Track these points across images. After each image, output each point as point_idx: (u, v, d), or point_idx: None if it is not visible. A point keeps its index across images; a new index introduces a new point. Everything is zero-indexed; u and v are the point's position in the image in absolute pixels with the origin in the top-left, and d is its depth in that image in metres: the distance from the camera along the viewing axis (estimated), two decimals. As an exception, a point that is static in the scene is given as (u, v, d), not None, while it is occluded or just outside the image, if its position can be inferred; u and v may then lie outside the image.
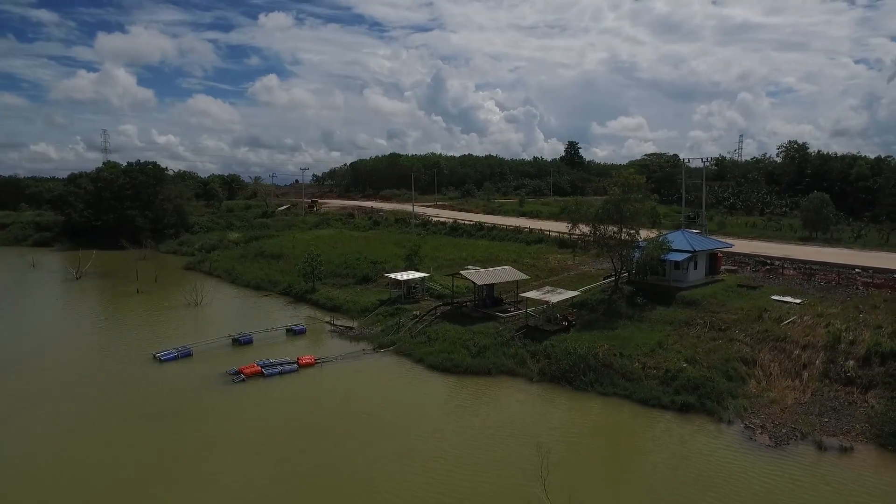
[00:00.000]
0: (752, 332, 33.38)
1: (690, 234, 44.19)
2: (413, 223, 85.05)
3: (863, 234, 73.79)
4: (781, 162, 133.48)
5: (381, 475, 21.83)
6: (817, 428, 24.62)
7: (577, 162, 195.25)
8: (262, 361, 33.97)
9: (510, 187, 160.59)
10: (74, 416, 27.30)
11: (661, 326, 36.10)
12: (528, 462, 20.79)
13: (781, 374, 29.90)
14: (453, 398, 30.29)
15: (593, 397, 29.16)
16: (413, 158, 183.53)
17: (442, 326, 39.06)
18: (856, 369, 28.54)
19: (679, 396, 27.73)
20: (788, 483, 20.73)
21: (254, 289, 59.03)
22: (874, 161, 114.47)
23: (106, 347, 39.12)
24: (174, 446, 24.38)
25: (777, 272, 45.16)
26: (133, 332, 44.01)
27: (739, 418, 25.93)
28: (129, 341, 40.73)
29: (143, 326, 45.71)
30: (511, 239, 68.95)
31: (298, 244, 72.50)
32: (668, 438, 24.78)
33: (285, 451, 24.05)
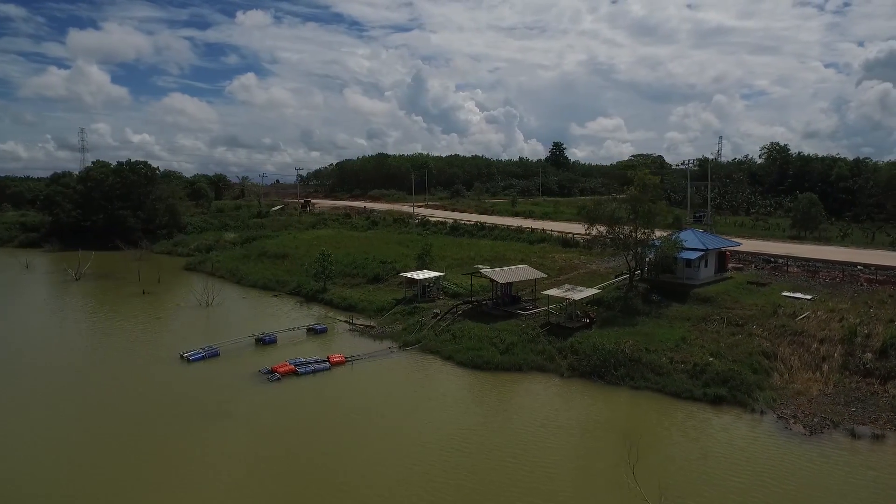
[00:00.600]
0: (770, 328, 34.74)
1: (701, 233, 45.61)
2: (413, 223, 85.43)
3: (849, 234, 76.58)
4: (763, 163, 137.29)
5: (444, 466, 22.41)
6: (846, 417, 25.91)
7: (562, 162, 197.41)
8: (294, 360, 34.19)
9: (499, 188, 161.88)
10: (123, 420, 26.96)
11: (679, 323, 37.27)
12: (579, 452, 21.57)
13: (802, 366, 31.24)
14: (491, 393, 30.93)
15: (626, 391, 30.13)
16: (401, 159, 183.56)
17: (465, 324, 39.70)
18: (873, 361, 30.01)
19: (710, 389, 28.83)
20: (834, 468, 21.96)
21: (261, 289, 58.88)
22: (853, 163, 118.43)
23: (130, 349, 38.72)
24: (234, 444, 24.55)
25: (781, 270, 46.84)
26: (152, 332, 43.68)
27: (771, 409, 27.11)
28: (151, 342, 40.47)
29: (159, 327, 45.48)
30: (513, 238, 69.82)
31: (301, 245, 72.41)
32: (710, 428, 25.84)
33: (344, 445, 24.41)
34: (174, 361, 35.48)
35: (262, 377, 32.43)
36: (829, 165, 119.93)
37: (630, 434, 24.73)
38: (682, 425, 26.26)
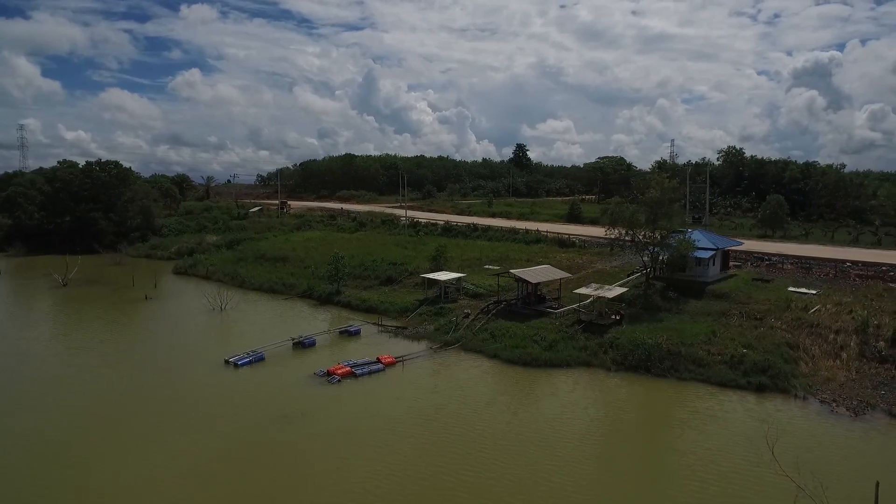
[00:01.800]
0: (787, 320, 37.84)
1: (709, 233, 48.74)
2: (403, 224, 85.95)
3: (811, 232, 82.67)
4: (720, 165, 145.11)
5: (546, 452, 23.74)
6: (879, 400, 28.91)
7: (525, 164, 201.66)
8: (347, 362, 34.61)
9: (468, 189, 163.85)
10: (202, 430, 26.58)
11: (701, 318, 39.92)
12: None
13: (823, 355, 34.29)
14: (555, 388, 32.39)
15: (673, 383, 32.28)
16: (370, 159, 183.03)
17: (499, 323, 41.06)
18: (887, 349, 33.38)
19: (752, 378, 31.38)
20: (889, 442, 24.67)
21: (266, 292, 58.24)
22: (803, 166, 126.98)
23: (170, 356, 37.85)
24: (326, 446, 24.95)
25: (777, 267, 50.63)
26: (179, 339, 42.82)
27: (811, 395, 29.84)
28: (186, 349, 39.79)
29: (182, 333, 44.52)
30: (508, 239, 71.70)
31: (297, 247, 71.89)
32: (765, 412, 28.21)
33: (440, 443, 25.27)
34: (219, 366, 35.16)
35: (319, 379, 32.72)
36: (781, 168, 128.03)
37: (698, 416, 26.87)
38: (739, 409, 28.57)
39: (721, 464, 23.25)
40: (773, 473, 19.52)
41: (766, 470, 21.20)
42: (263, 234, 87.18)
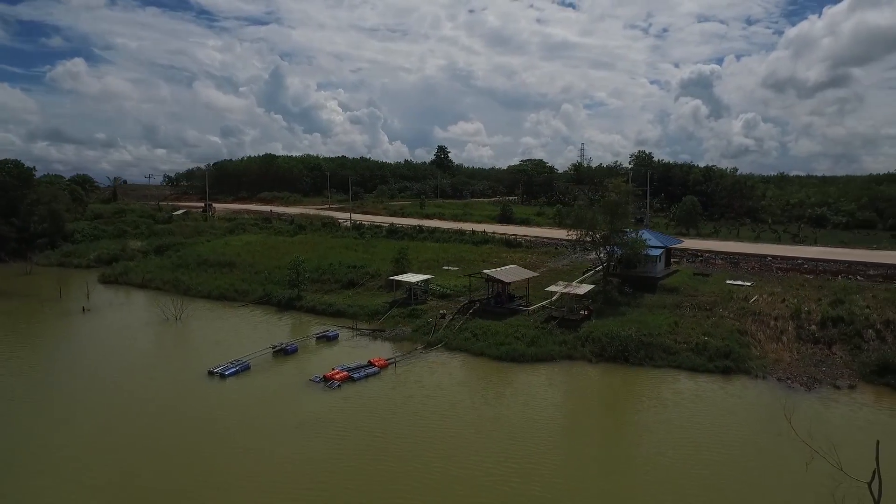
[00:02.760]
0: (733, 310, 42.39)
1: (656, 233, 53.12)
2: (345, 226, 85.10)
3: (719, 231, 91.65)
4: (631, 168, 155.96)
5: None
6: (822, 375, 33.50)
7: (447, 165, 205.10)
8: (341, 366, 34.56)
9: (395, 190, 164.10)
10: (223, 447, 25.67)
11: (658, 310, 43.69)
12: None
13: (767, 340, 38.90)
14: (550, 379, 34.46)
15: (650, 370, 35.34)
16: (292, 160, 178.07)
17: (477, 323, 42.55)
18: (818, 332, 38.55)
19: (717, 362, 35.11)
20: (840, 409, 28.93)
21: (217, 299, 55.87)
22: (705, 169, 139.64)
23: (147, 373, 35.48)
24: (353, 452, 25.10)
25: (709, 263, 56.14)
26: (147, 353, 40.25)
27: (768, 374, 33.94)
28: (159, 363, 37.59)
29: (146, 347, 41.76)
30: (455, 240, 73.36)
31: (241, 251, 69.44)
32: (738, 391, 31.84)
33: (470, 433, 26.25)
34: (204, 378, 33.80)
35: (317, 385, 32.48)
36: (686, 171, 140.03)
37: (687, 396, 29.94)
38: (719, 390, 31.98)
39: (723, 436, 26.23)
40: (763, 442, 22.49)
41: (765, 438, 24.29)
42: (194, 238, 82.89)
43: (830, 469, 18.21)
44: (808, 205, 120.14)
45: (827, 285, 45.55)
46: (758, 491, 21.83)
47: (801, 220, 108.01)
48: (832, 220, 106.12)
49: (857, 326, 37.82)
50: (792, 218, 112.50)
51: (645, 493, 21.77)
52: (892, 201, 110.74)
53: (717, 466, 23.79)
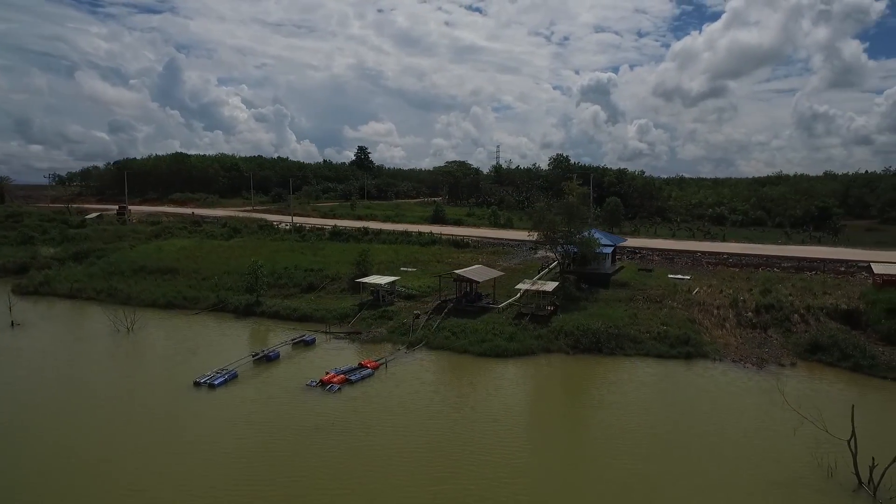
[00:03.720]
0: (680, 301, 46.89)
1: (604, 232, 57.08)
2: (284, 229, 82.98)
3: (638, 230, 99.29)
4: (550, 170, 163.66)
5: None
6: (766, 355, 38.20)
7: (367, 166, 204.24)
8: (335, 370, 34.55)
9: (318, 191, 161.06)
10: (246, 458, 25.28)
11: (615, 304, 47.32)
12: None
13: (713, 327, 43.51)
14: (537, 371, 36.62)
15: (622, 358, 38.43)
16: (207, 159, 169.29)
17: (452, 321, 43.88)
18: (754, 318, 43.71)
19: (679, 349, 38.88)
20: (790, 382, 33.27)
21: (164, 308, 52.92)
22: (618, 172, 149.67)
23: (123, 385, 33.49)
24: (393, 447, 25.63)
25: (647, 259, 61.18)
26: (113, 368, 37.63)
27: (723, 357, 38.15)
28: (134, 377, 35.38)
29: (107, 362, 38.95)
30: (402, 242, 74.20)
31: (181, 257, 65.92)
32: (704, 372, 35.62)
33: (491, 423, 27.51)
34: (190, 389, 32.49)
35: (316, 390, 32.34)
36: (601, 174, 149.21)
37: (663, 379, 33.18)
38: (686, 373, 35.59)
39: (704, 409, 29.50)
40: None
41: (746, 408, 27.73)
42: (115, 244, 77.22)
43: (793, 430, 21.51)
44: (706, 205, 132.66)
45: (752, 277, 51.53)
46: (749, 450, 25.04)
47: (702, 218, 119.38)
48: (730, 218, 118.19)
49: (785, 312, 43.31)
50: (694, 217, 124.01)
51: (653, 457, 24.21)
52: (775, 201, 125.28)
53: (707, 434, 26.89)
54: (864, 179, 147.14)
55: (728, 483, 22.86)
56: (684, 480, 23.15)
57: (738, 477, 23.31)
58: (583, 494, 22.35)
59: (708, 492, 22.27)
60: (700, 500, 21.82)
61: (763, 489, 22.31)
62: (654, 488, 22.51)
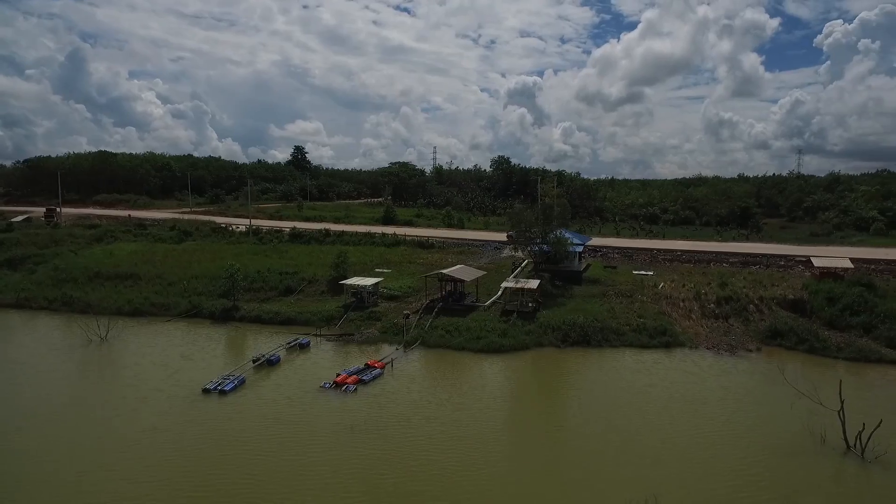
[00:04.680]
0: (649, 295, 50.48)
1: (573, 232, 60.08)
2: (239, 232, 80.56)
3: (583, 229, 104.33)
4: (492, 172, 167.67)
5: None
6: (734, 342, 42.21)
7: (305, 166, 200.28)
8: (345, 371, 34.88)
9: (257, 192, 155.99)
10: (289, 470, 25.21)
11: (590, 299, 50.25)
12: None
13: (681, 318, 47.33)
14: (538, 365, 38.53)
15: (610, 349, 41.16)
16: (136, 158, 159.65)
17: (442, 320, 45.08)
18: (716, 309, 47.96)
19: (659, 339, 42.16)
20: (760, 364, 37.23)
21: (129, 315, 50.50)
22: (557, 173, 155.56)
23: (127, 393, 32.14)
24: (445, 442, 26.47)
25: (608, 257, 64.96)
26: (105, 379, 35.95)
27: (698, 345, 41.77)
28: (134, 387, 33.84)
29: (95, 373, 37.15)
30: (367, 243, 74.21)
31: (139, 262, 62.89)
32: (685, 358, 38.93)
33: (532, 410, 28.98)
34: (200, 396, 31.79)
35: (332, 391, 32.56)
36: (542, 175, 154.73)
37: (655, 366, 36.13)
38: (668, 361, 38.72)
39: (696, 389, 32.52)
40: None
41: (738, 386, 30.96)
42: (53, 249, 72.08)
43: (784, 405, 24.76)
44: (637, 205, 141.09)
45: (707, 271, 56.22)
46: (745, 423, 28.10)
47: (637, 218, 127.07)
48: (662, 217, 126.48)
49: (742, 303, 47.83)
50: (628, 216, 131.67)
51: (664, 430, 26.68)
52: (700, 201, 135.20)
53: (704, 411, 29.82)
54: (772, 182, 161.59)
55: (731, 449, 25.72)
56: (693, 447, 25.79)
57: (737, 445, 26.29)
58: (626, 456, 24.31)
59: (713, 456, 24.92)
60: (706, 462, 24.38)
61: (763, 455, 25.25)
62: (676, 453, 24.90)
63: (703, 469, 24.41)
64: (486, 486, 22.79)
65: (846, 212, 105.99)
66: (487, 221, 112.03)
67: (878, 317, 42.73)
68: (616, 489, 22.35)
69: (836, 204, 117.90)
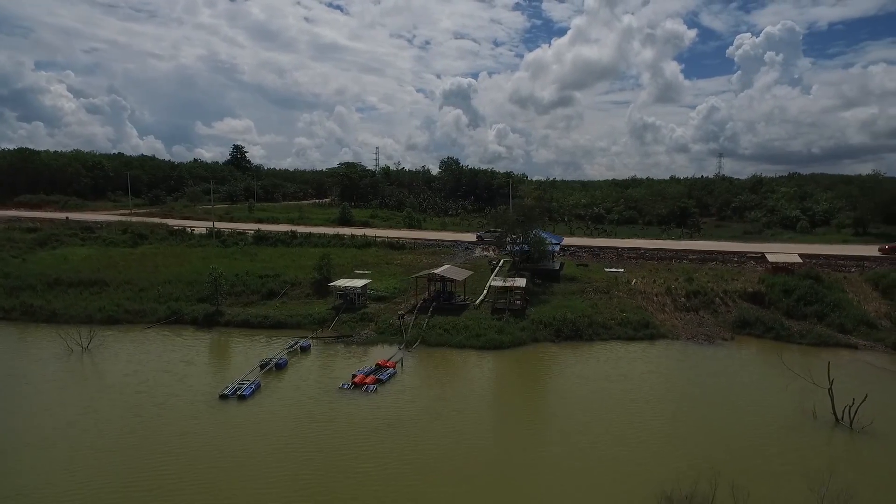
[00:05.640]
0: (624, 291, 53.66)
1: (548, 232, 62.48)
2: (208, 234, 77.62)
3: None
4: (440, 173, 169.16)
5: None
6: (710, 333, 45.82)
7: (245, 166, 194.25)
8: (360, 371, 35.20)
9: (199, 192, 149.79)
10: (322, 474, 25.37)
11: (570, 296, 52.77)
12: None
13: (656, 311, 50.72)
14: (540, 358, 40.04)
15: (601, 343, 43.58)
16: (63, 156, 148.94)
17: (439, 319, 46.04)
18: (686, 302, 51.71)
19: (643, 331, 45.10)
20: (739, 351, 40.77)
21: (102, 324, 48.00)
22: (505, 175, 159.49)
23: (144, 402, 30.93)
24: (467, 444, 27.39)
25: (576, 255, 67.99)
26: (115, 386, 34.17)
27: (678, 336, 45.02)
28: (140, 396, 32.55)
29: (102, 381, 35.36)
30: (337, 245, 73.69)
31: (102, 267, 59.72)
32: (670, 348, 41.92)
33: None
34: (218, 402, 31.22)
35: (352, 391, 32.82)
36: (490, 177, 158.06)
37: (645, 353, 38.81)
38: (655, 352, 41.58)
39: (690, 374, 35.35)
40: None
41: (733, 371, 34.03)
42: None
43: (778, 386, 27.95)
44: (581, 205, 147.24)
45: (672, 268, 60.26)
46: (742, 402, 31.05)
47: (583, 218, 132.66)
48: (607, 217, 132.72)
49: (709, 296, 51.87)
50: (574, 216, 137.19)
51: (670, 410, 29.13)
52: (640, 201, 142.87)
53: (701, 392, 32.64)
54: (701, 183, 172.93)
55: (736, 424, 28.50)
56: (704, 423, 28.41)
57: (741, 421, 29.17)
58: (649, 427, 26.37)
59: (726, 430, 27.56)
60: (720, 435, 26.97)
61: (766, 429, 28.14)
62: (690, 428, 27.30)
63: (722, 441, 26.91)
64: (549, 466, 24.16)
65: (773, 211, 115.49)
66: (444, 222, 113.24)
67: (828, 306, 47.72)
68: (661, 461, 24.39)
69: (760, 204, 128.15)
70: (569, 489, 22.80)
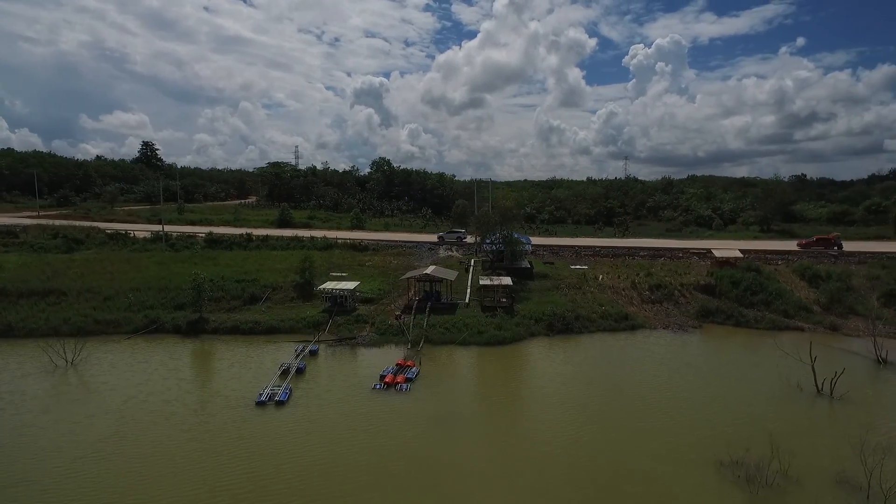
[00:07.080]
0: (593, 286, 57.66)
1: (519, 234, 65.23)
2: (154, 238, 72.85)
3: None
4: (372, 173, 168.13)
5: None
6: (681, 322, 50.61)
7: (157, 165, 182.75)
8: (386, 371, 35.79)
9: (114, 193, 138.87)
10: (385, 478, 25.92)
11: (546, 292, 55.94)
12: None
13: (626, 304, 55.12)
14: (561, 350, 42.23)
15: (589, 335, 46.85)
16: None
17: (436, 318, 47.25)
18: (651, 295, 56.57)
19: (624, 323, 49.01)
20: (713, 338, 45.56)
21: (69, 336, 44.35)
22: (438, 176, 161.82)
23: (178, 412, 29.45)
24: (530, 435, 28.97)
25: (537, 254, 71.50)
26: (118, 406, 31.89)
27: (656, 327, 49.36)
28: (185, 400, 30.96)
29: (96, 402, 32.87)
30: (297, 247, 72.21)
31: (49, 276, 54.60)
32: (651, 335, 46.00)
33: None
34: (256, 409, 30.66)
35: (385, 391, 33.35)
36: (423, 177, 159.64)
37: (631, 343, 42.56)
38: (639, 341, 45.44)
39: (682, 358, 39.29)
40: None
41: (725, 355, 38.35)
42: None
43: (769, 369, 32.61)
44: (518, 207, 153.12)
45: (630, 264, 65.30)
46: (730, 378, 35.26)
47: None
48: (538, 217, 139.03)
49: (669, 289, 57.11)
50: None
51: (673, 388, 32.71)
52: (566, 201, 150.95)
53: (696, 372, 36.63)
54: (617, 185, 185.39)
55: (733, 396, 32.52)
56: (708, 398, 32.14)
57: (738, 394, 33.27)
58: (667, 410, 29.50)
59: (725, 401, 31.44)
60: (721, 406, 30.79)
61: (761, 399, 32.37)
62: (699, 403, 30.87)
63: (726, 413, 30.55)
64: (609, 449, 26.44)
65: (687, 211, 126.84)
66: (387, 223, 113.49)
67: (771, 294, 54.32)
68: (681, 432, 27.46)
69: (671, 204, 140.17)
70: (643, 454, 25.22)
